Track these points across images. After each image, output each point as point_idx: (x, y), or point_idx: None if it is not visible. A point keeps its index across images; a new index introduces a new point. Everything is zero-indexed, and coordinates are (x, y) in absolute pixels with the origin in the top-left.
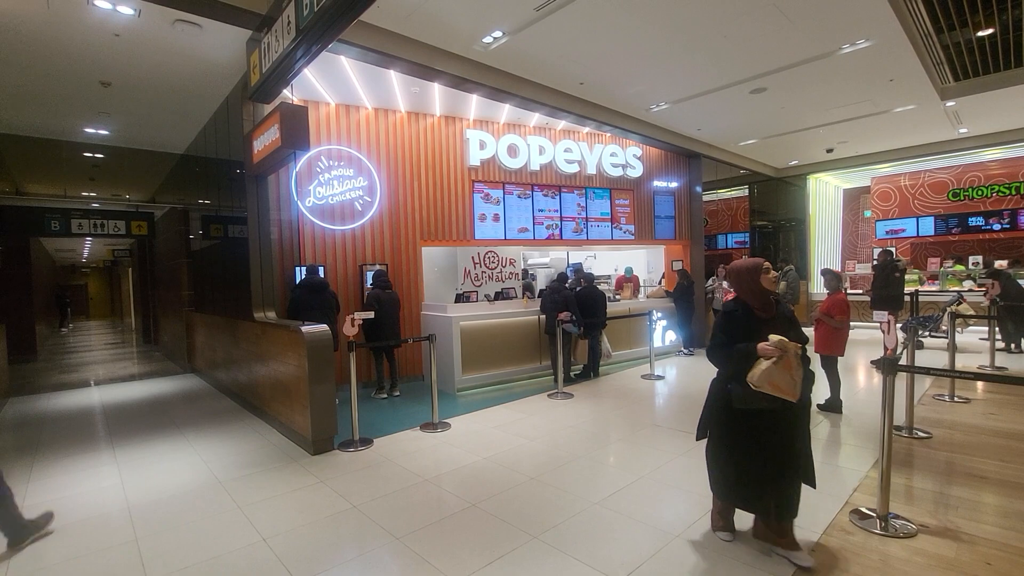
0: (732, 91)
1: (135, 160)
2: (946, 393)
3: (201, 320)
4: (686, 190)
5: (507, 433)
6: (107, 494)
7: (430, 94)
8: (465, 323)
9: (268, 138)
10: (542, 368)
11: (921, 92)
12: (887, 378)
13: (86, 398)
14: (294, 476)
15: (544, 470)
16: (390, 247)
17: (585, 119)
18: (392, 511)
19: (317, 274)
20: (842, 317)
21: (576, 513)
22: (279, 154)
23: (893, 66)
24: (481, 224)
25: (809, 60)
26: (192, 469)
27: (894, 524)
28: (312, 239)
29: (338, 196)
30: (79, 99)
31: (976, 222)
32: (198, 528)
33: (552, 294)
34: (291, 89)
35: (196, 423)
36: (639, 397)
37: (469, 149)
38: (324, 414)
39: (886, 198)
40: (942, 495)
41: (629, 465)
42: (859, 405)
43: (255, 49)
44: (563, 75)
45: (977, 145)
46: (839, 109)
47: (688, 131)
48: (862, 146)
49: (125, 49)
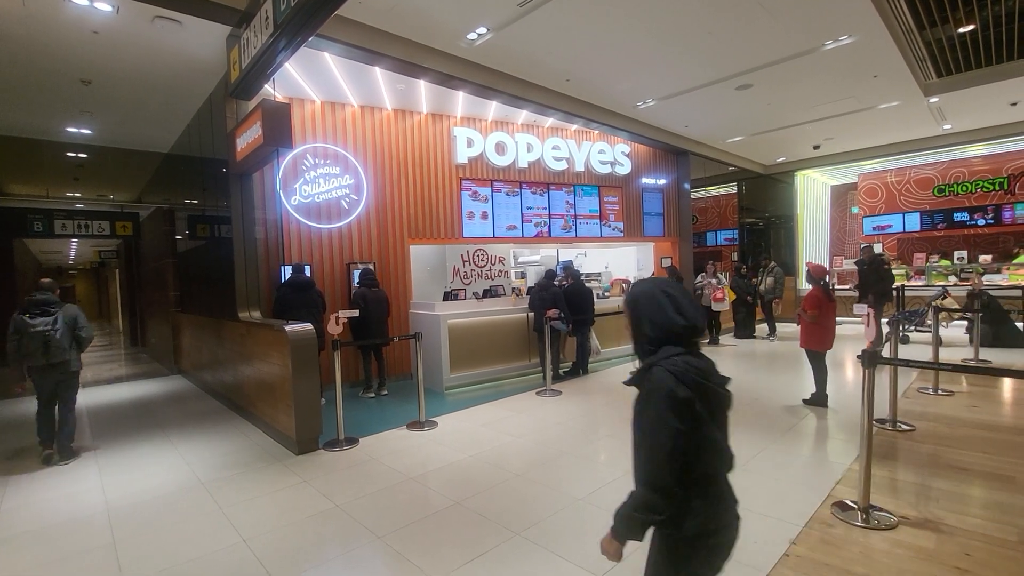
0: (718, 87)
1: (120, 160)
2: (930, 386)
3: (187, 321)
4: (674, 187)
5: (494, 431)
6: (87, 496)
7: (416, 91)
8: (453, 321)
9: (251, 135)
10: (531, 366)
11: (904, 88)
12: (868, 370)
13: None
14: (278, 476)
15: (530, 467)
16: (377, 245)
17: (573, 116)
18: (375, 510)
19: (303, 273)
20: (814, 312)
21: (560, 509)
22: (262, 151)
23: (876, 62)
24: (469, 222)
25: (793, 56)
26: (174, 471)
27: (875, 516)
28: (298, 238)
29: (324, 194)
30: (59, 98)
31: (961, 217)
32: (178, 530)
33: (540, 291)
34: (273, 85)
35: (180, 425)
36: (628, 394)
37: (456, 147)
38: (308, 414)
39: (873, 194)
40: (924, 487)
41: (615, 461)
42: (846, 399)
43: (235, 45)
44: (549, 72)
45: (961, 141)
46: (824, 106)
47: (676, 128)
48: (848, 143)
49: (104, 47)
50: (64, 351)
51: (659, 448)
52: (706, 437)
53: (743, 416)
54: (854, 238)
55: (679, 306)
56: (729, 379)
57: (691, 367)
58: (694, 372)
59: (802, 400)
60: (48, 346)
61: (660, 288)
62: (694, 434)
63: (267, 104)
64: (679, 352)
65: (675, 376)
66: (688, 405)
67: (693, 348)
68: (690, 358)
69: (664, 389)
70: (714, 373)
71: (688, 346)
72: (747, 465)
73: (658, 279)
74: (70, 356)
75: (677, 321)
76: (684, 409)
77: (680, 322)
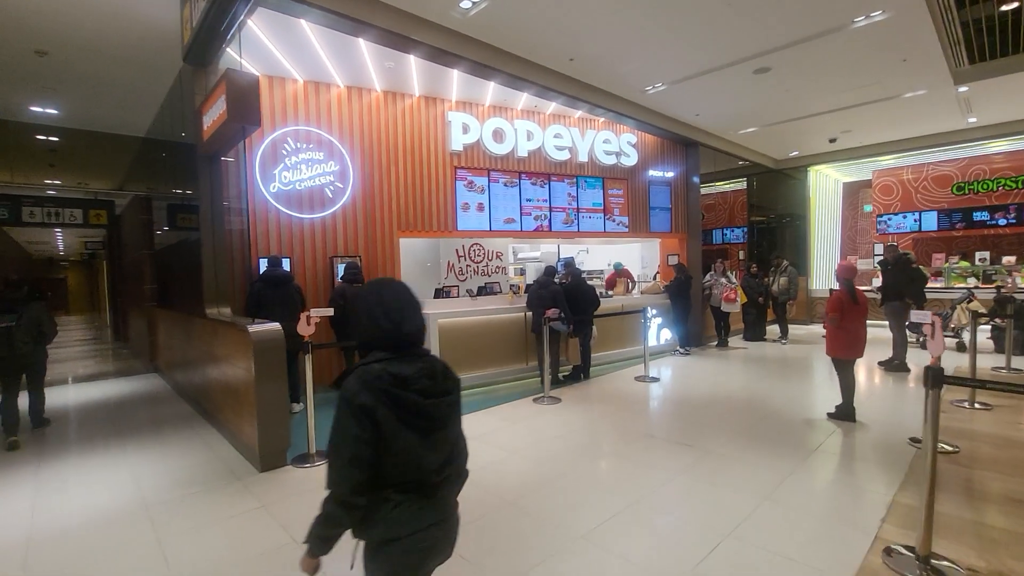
0: (734, 70)
1: (94, 144)
2: (966, 399)
3: (162, 316)
4: (683, 180)
5: (485, 444)
6: (12, 520)
7: (407, 70)
8: (443, 321)
9: (216, 111)
10: (528, 369)
11: (934, 75)
12: (932, 392)
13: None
14: (234, 499)
15: (523, 491)
16: (364, 238)
17: (576, 100)
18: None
19: (279, 266)
20: (835, 315)
21: (556, 551)
22: (227, 129)
23: (908, 44)
24: (464, 214)
25: (819, 35)
26: (119, 490)
27: (938, 567)
28: (277, 228)
29: (307, 182)
30: (16, 72)
31: (981, 217)
32: (99, 569)
33: (539, 289)
34: (240, 52)
35: (141, 432)
36: (632, 402)
37: (451, 133)
38: (274, 424)
39: (888, 192)
40: (983, 526)
41: (620, 486)
42: (873, 412)
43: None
44: (551, 49)
45: (985, 136)
46: (846, 93)
47: (686, 117)
48: (866, 136)
49: (56, 13)
50: (26, 345)
51: (338, 456)
52: (397, 446)
53: (762, 432)
54: (866, 237)
55: (388, 310)
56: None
57: (386, 374)
58: (388, 379)
59: (826, 414)
60: (11, 342)
61: (376, 290)
62: (381, 443)
63: (232, 75)
64: (384, 357)
65: (362, 382)
66: (368, 413)
67: (407, 353)
68: (392, 364)
69: (346, 395)
70: (420, 380)
71: (401, 351)
72: (772, 495)
73: (383, 279)
74: (32, 350)
75: (382, 325)
76: (364, 417)
77: (384, 326)
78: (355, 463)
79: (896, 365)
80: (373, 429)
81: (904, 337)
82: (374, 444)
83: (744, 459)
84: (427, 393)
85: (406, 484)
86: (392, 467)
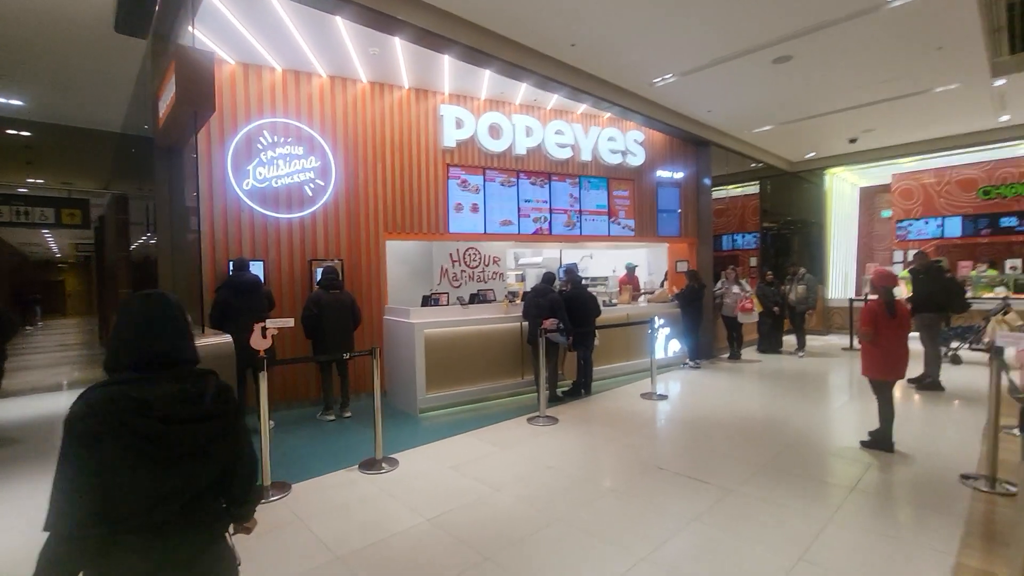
0: (751, 60)
1: (70, 141)
2: (1016, 426)
3: None
4: (693, 182)
5: (468, 477)
6: None
7: (394, 58)
8: (431, 331)
9: (168, 95)
10: (523, 384)
11: (970, 65)
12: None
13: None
14: None
15: (506, 543)
16: (347, 240)
17: (579, 93)
18: None
19: (247, 270)
20: (868, 329)
21: None
22: (179, 114)
23: (946, 28)
24: (457, 215)
25: (849, 17)
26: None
27: None
28: (251, 228)
29: (284, 178)
30: None
31: (1009, 223)
32: None
33: (536, 297)
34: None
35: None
36: (638, 424)
37: (444, 128)
38: None
39: (908, 196)
40: None
41: (623, 536)
42: (907, 439)
43: None
44: (551, 33)
45: (1016, 136)
46: (873, 87)
47: (697, 113)
48: (889, 136)
49: None
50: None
51: (59, 489)
52: (124, 478)
53: (787, 464)
54: (883, 243)
55: (137, 326)
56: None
57: (124, 397)
58: (124, 403)
59: (860, 442)
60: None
61: (127, 305)
62: (107, 473)
63: (181, 51)
64: (127, 379)
65: (87, 406)
66: (90, 440)
67: (160, 375)
68: (133, 387)
69: (69, 419)
70: (168, 404)
71: (151, 372)
72: (808, 553)
73: (145, 293)
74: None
75: (128, 341)
76: (86, 443)
77: (131, 343)
78: (76, 496)
79: (929, 383)
80: (98, 457)
81: (937, 352)
82: (100, 474)
83: (770, 500)
84: (173, 419)
85: (137, 522)
86: (120, 501)
